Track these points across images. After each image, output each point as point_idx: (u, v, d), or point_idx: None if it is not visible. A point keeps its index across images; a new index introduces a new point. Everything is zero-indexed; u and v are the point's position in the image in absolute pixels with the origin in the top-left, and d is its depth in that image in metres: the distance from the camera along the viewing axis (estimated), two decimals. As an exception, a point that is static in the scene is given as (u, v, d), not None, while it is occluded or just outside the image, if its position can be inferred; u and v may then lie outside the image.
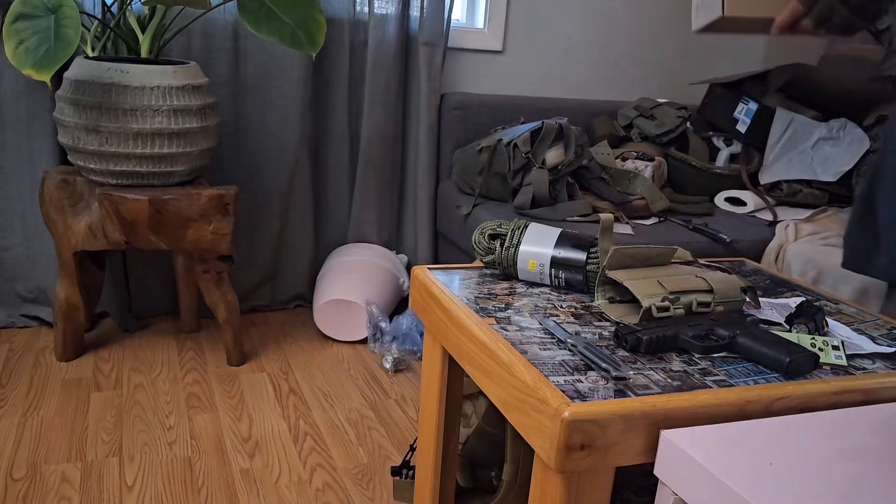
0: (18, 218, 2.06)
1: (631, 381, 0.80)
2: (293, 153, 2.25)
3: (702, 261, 1.16)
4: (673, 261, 1.08)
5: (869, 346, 0.96)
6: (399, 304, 2.46)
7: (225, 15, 2.10)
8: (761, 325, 0.98)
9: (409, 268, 2.48)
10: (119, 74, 1.71)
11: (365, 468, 1.59)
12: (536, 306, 1.01)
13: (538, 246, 1.08)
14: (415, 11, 2.28)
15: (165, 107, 1.73)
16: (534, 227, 1.10)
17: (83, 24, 1.85)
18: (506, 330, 0.92)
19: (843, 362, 0.89)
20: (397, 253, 2.51)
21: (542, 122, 2.02)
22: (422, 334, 2.12)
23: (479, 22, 2.48)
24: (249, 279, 2.33)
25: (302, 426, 1.74)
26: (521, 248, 1.08)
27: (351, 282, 2.17)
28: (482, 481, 1.41)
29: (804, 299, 1.13)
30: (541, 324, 0.95)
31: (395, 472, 1.46)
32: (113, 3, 1.93)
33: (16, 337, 2.08)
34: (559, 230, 1.09)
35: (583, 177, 2.10)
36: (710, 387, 0.80)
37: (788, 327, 0.97)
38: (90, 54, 1.88)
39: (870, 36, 2.56)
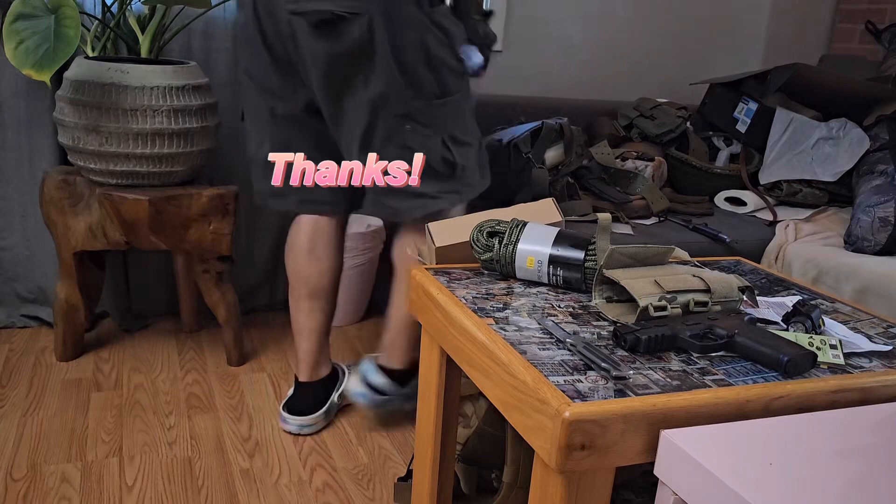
0: (18, 218, 2.07)
1: (630, 380, 0.80)
2: (293, 153, 2.25)
3: (696, 260, 1.16)
4: (671, 260, 1.08)
5: (866, 345, 0.96)
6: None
7: (225, 15, 2.10)
8: (759, 325, 0.98)
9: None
10: (119, 74, 1.71)
11: (365, 468, 1.59)
12: (535, 306, 1.01)
13: (536, 244, 1.08)
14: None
15: (165, 107, 1.73)
16: (531, 226, 1.10)
17: (83, 24, 1.85)
18: (504, 330, 0.92)
19: (841, 361, 0.89)
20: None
21: (542, 122, 2.02)
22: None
23: (479, 22, 2.47)
24: (249, 279, 2.33)
25: (302, 426, 1.73)
26: (519, 245, 1.08)
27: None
28: (482, 483, 1.41)
29: (800, 298, 1.13)
30: (539, 324, 0.95)
31: (403, 480, 1.46)
32: (113, 3, 1.93)
33: (16, 337, 2.08)
34: (556, 229, 1.09)
35: (583, 177, 2.10)
36: (710, 386, 0.80)
37: (786, 326, 0.97)
38: (90, 54, 1.88)
39: (870, 36, 2.55)
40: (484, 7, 1.55)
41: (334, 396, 1.73)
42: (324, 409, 1.71)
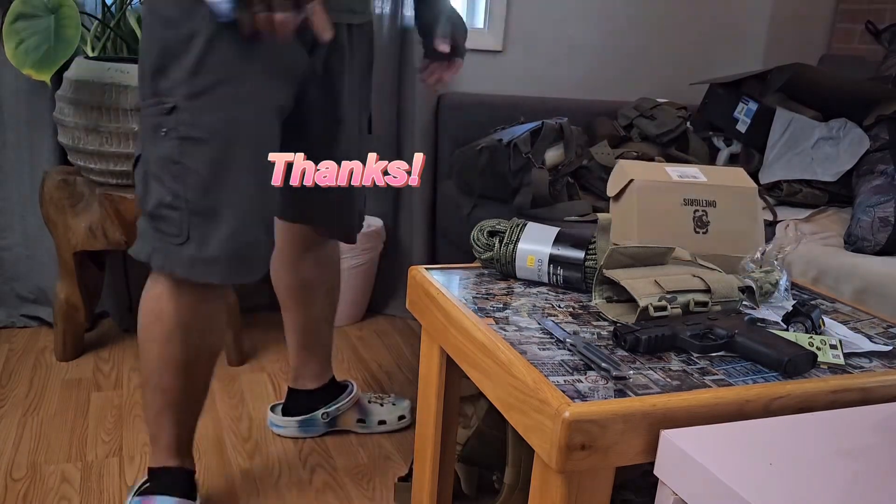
0: (18, 218, 2.06)
1: (631, 380, 0.80)
2: (293, 153, 2.25)
3: (700, 260, 1.16)
4: (671, 259, 1.08)
5: (866, 345, 0.96)
6: (399, 304, 2.45)
7: (225, 15, 2.09)
8: (759, 325, 0.99)
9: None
10: (119, 74, 1.71)
11: (365, 468, 1.59)
12: (535, 306, 1.01)
13: (536, 244, 1.08)
14: (410, 11, 2.27)
15: (165, 107, 1.73)
16: (532, 226, 1.10)
17: (83, 24, 1.85)
18: (504, 330, 0.92)
19: (841, 361, 0.89)
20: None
21: (542, 122, 2.02)
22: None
23: (479, 22, 2.47)
24: (249, 279, 2.33)
25: (302, 426, 1.73)
26: (520, 245, 1.08)
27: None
28: (484, 484, 1.41)
29: (801, 298, 1.13)
30: (539, 324, 0.95)
31: (404, 480, 1.46)
32: (113, 3, 1.93)
33: (16, 337, 2.08)
34: (557, 229, 1.09)
35: (583, 177, 2.10)
36: (710, 386, 0.80)
37: (786, 326, 0.97)
38: (90, 54, 1.88)
39: (870, 36, 2.55)
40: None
41: (319, 413, 1.67)
42: (299, 418, 1.67)
